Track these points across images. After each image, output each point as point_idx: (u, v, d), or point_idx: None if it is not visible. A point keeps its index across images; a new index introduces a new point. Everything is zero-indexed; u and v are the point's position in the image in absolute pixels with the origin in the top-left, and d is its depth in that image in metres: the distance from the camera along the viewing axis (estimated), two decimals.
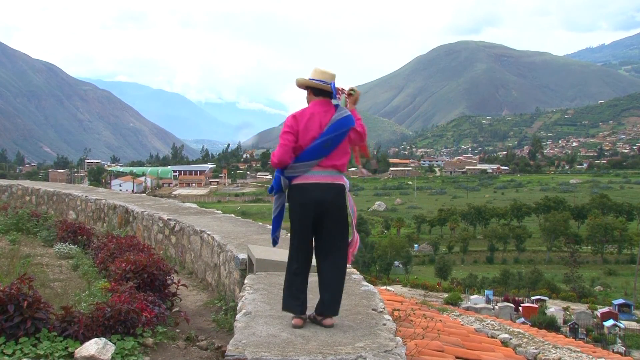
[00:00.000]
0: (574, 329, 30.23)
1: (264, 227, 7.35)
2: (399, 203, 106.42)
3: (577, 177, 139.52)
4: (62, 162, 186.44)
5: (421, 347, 4.05)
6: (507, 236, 70.54)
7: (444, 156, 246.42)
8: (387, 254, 58.85)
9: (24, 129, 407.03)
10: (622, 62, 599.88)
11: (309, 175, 3.30)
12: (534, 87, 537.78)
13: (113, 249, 6.13)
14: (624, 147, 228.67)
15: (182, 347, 4.04)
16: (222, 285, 5.71)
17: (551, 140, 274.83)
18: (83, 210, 11.09)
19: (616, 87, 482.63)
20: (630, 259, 63.90)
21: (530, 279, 50.11)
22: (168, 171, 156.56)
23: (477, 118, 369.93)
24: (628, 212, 79.33)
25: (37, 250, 8.01)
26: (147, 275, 4.86)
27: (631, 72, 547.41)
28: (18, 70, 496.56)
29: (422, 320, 4.77)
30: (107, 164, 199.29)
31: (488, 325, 8.58)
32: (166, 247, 7.77)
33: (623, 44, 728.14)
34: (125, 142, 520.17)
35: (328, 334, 3.19)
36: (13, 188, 14.13)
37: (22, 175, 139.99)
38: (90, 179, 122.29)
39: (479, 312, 21.12)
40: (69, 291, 5.35)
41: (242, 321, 3.33)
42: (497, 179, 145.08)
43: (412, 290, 43.58)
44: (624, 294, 47.39)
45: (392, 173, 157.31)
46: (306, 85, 3.46)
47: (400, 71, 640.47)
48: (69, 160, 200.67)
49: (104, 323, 3.70)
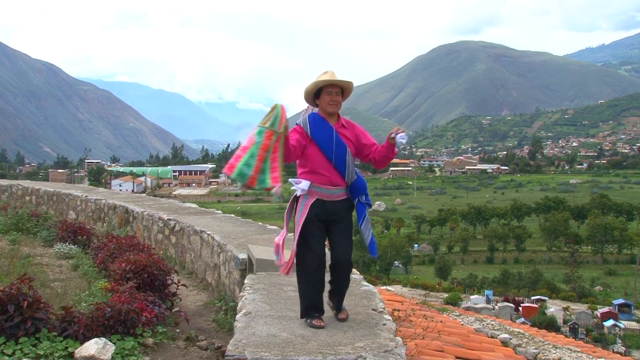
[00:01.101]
0: (574, 329, 30.22)
1: (264, 227, 7.35)
2: (399, 203, 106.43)
3: (577, 177, 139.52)
4: (62, 162, 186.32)
5: (421, 347, 4.05)
6: (507, 236, 70.52)
7: (444, 156, 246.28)
8: (387, 254, 58.82)
9: (24, 129, 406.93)
10: (622, 62, 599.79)
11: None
12: (534, 87, 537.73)
13: (113, 249, 6.13)
14: (624, 147, 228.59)
15: (182, 347, 4.04)
16: (222, 285, 5.70)
17: (551, 140, 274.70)
18: (83, 210, 11.09)
19: (616, 87, 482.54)
20: (630, 259, 63.88)
21: (530, 279, 50.10)
22: (168, 171, 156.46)
23: (477, 118, 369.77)
24: (628, 212, 79.29)
25: (37, 250, 8.01)
26: (147, 275, 4.86)
27: (631, 72, 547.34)
28: (18, 70, 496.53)
29: (422, 321, 4.77)
30: (107, 164, 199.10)
31: (488, 325, 8.58)
32: (166, 247, 7.76)
33: (623, 44, 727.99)
34: (125, 142, 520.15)
35: (328, 334, 3.19)
36: (13, 188, 14.13)
37: (22, 175, 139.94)
38: (90, 179, 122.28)
39: (479, 312, 21.11)
40: (69, 291, 5.35)
41: (242, 321, 3.33)
42: (497, 179, 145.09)
43: (412, 290, 43.55)
44: (624, 294, 47.38)
45: (392, 173, 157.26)
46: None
47: (400, 71, 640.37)
48: (69, 160, 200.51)
49: (104, 323, 3.70)
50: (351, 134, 3.51)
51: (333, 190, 3.43)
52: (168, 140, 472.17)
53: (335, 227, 3.44)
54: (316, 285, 3.38)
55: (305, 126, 3.45)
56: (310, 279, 3.37)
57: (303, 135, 3.44)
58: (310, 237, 3.38)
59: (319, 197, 3.42)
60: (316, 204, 3.41)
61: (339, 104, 3.47)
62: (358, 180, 3.47)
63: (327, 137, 3.42)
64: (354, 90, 3.69)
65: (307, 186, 3.41)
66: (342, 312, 3.48)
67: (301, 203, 3.43)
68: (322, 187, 3.42)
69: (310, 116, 3.50)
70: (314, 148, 3.43)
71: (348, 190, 3.48)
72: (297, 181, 3.45)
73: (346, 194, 3.48)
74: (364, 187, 3.49)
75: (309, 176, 3.44)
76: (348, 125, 3.53)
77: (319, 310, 3.36)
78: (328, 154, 3.40)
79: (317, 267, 3.36)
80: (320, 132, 3.43)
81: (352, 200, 3.50)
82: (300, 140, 3.42)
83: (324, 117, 3.48)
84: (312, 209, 3.39)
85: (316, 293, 3.38)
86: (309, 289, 3.39)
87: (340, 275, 3.45)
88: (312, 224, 3.39)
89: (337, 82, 3.44)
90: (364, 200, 3.49)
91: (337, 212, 3.43)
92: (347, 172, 3.43)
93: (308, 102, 3.56)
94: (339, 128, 3.48)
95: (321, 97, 3.46)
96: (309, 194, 3.43)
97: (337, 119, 3.52)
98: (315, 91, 3.48)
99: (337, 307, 3.49)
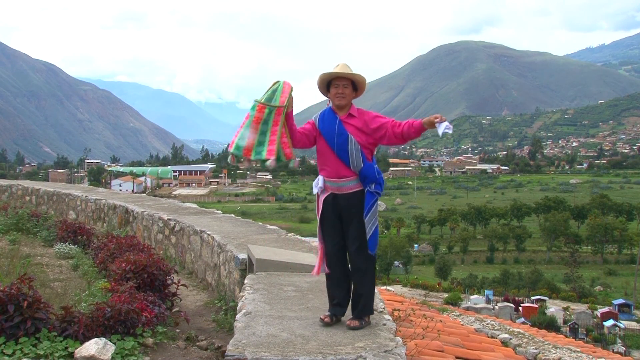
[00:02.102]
0: (574, 329, 30.21)
1: (264, 227, 7.35)
2: (399, 203, 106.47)
3: (577, 177, 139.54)
4: (62, 162, 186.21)
5: (421, 347, 4.05)
6: (507, 236, 70.50)
7: (444, 156, 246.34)
8: (387, 254, 58.84)
9: (24, 129, 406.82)
10: (622, 62, 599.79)
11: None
12: (534, 87, 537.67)
13: (113, 249, 6.12)
14: (624, 147, 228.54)
15: (182, 347, 4.03)
16: (222, 285, 5.70)
17: (551, 140, 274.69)
18: (83, 210, 11.08)
19: (616, 87, 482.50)
20: (630, 259, 63.85)
21: (530, 279, 50.07)
22: (168, 171, 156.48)
23: (477, 118, 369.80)
24: (628, 212, 79.28)
25: (37, 250, 8.01)
26: (147, 275, 4.86)
27: (631, 72, 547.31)
28: (18, 70, 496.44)
29: (422, 320, 4.76)
30: (107, 164, 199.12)
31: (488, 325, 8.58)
32: (166, 247, 7.76)
33: (623, 44, 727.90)
34: (125, 142, 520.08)
35: (328, 334, 3.19)
36: (13, 188, 14.13)
37: (22, 175, 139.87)
38: (90, 179, 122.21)
39: (479, 312, 21.10)
40: (69, 291, 5.35)
41: (242, 321, 3.33)
42: (497, 179, 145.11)
43: (412, 290, 43.53)
44: (624, 294, 47.36)
45: (392, 173, 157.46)
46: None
47: (400, 71, 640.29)
48: (69, 160, 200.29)
49: (104, 323, 3.70)
50: (360, 122, 3.45)
51: (341, 182, 3.41)
52: (168, 140, 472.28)
53: (349, 222, 3.42)
54: (334, 279, 3.46)
55: (316, 120, 3.54)
56: (328, 277, 3.49)
57: (313, 128, 3.53)
58: (326, 234, 3.48)
59: (332, 191, 3.45)
60: (328, 199, 3.45)
61: (346, 97, 3.45)
62: (367, 168, 3.39)
63: (330, 128, 3.45)
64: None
65: (322, 182, 3.46)
66: (353, 320, 3.33)
67: (320, 200, 3.51)
68: (332, 181, 3.44)
69: (322, 112, 3.57)
70: (322, 141, 3.48)
71: (359, 180, 3.42)
72: (317, 181, 3.52)
73: (359, 186, 3.42)
74: (374, 175, 3.40)
75: (321, 171, 3.51)
76: (358, 115, 3.48)
77: (338, 305, 3.42)
78: (331, 144, 3.43)
79: (330, 266, 3.46)
80: (325, 124, 3.48)
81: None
82: (310, 130, 3.52)
83: (334, 109, 3.51)
84: (325, 204, 3.45)
85: (334, 288, 3.47)
86: (329, 284, 3.50)
87: (354, 275, 3.43)
88: (326, 219, 3.47)
89: (340, 74, 3.43)
90: (373, 189, 3.41)
91: (350, 207, 3.40)
92: (350, 160, 3.38)
93: (322, 94, 3.60)
94: (345, 118, 3.46)
95: (330, 90, 3.49)
96: (325, 189, 3.48)
97: (348, 111, 3.50)
98: (326, 85, 3.51)
99: (353, 311, 3.40)
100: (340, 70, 3.43)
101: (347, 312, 3.44)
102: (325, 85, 3.52)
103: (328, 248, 3.47)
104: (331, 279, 3.48)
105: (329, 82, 3.49)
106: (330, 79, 3.47)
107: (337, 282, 3.45)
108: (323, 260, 3.50)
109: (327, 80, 3.49)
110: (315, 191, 3.54)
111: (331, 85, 3.47)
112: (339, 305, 3.41)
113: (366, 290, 3.38)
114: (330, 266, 3.46)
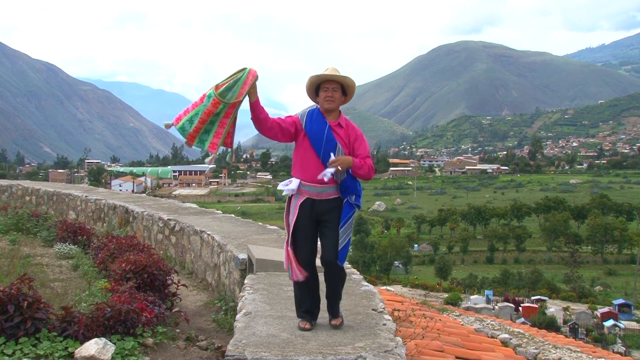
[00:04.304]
0: (574, 329, 30.21)
1: (264, 227, 7.35)
2: (399, 203, 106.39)
3: (577, 177, 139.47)
4: (62, 162, 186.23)
5: (421, 347, 4.05)
6: (507, 236, 70.49)
7: (444, 156, 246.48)
8: (387, 254, 58.83)
9: (24, 129, 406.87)
10: (622, 62, 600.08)
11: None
12: (534, 87, 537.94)
13: (113, 249, 6.12)
14: (624, 147, 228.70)
15: (182, 347, 4.03)
16: (222, 285, 5.70)
17: (551, 140, 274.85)
18: (83, 211, 11.08)
19: (616, 87, 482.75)
20: (630, 259, 63.85)
21: (530, 279, 50.05)
22: (168, 171, 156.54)
23: (477, 118, 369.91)
24: (628, 212, 79.27)
25: (37, 250, 8.01)
26: (147, 276, 4.86)
27: (631, 72, 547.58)
28: (18, 70, 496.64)
29: (422, 320, 4.77)
30: (107, 164, 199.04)
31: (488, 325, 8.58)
32: (166, 247, 7.76)
33: (623, 44, 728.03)
34: (125, 142, 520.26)
35: (328, 334, 3.19)
36: (13, 188, 14.12)
37: (22, 175, 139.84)
38: (90, 179, 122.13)
39: (479, 312, 21.11)
40: (69, 291, 5.35)
41: (242, 321, 3.33)
42: (497, 179, 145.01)
43: (412, 290, 43.54)
44: (624, 294, 47.34)
45: (392, 173, 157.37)
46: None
47: (400, 71, 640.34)
48: (69, 160, 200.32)
49: (104, 323, 3.70)
50: (346, 135, 3.37)
51: (321, 188, 3.31)
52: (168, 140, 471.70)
53: (324, 228, 3.33)
54: (305, 287, 3.35)
55: (302, 118, 3.40)
56: (298, 284, 3.36)
57: (297, 125, 3.39)
58: (300, 240, 3.34)
59: (309, 196, 3.33)
60: (305, 204, 3.33)
61: (335, 101, 3.36)
62: (349, 180, 3.32)
63: (319, 132, 3.33)
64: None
65: (296, 185, 3.34)
66: (336, 318, 3.36)
67: (292, 203, 3.38)
68: (311, 186, 3.32)
69: (310, 111, 3.45)
70: (306, 142, 3.35)
71: (339, 189, 3.35)
72: (287, 182, 3.39)
73: (337, 193, 3.35)
74: (355, 187, 3.34)
75: (298, 173, 3.38)
76: (347, 126, 3.40)
77: (307, 312, 3.34)
78: (317, 149, 3.31)
79: (305, 270, 3.32)
80: (313, 126, 3.35)
81: (343, 200, 3.38)
82: (290, 125, 3.37)
83: (323, 113, 3.41)
84: (301, 209, 3.32)
85: (305, 295, 3.36)
86: (298, 291, 3.39)
87: (329, 278, 3.34)
88: (302, 225, 3.33)
89: (330, 77, 3.34)
90: (353, 200, 3.34)
91: (327, 212, 3.32)
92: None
93: (311, 98, 3.50)
94: (334, 126, 3.37)
95: (319, 94, 3.40)
96: (300, 193, 3.36)
97: (337, 118, 3.42)
98: (316, 88, 3.43)
99: (330, 311, 3.40)
100: (330, 73, 3.35)
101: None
102: (314, 89, 3.43)
103: (302, 255, 3.33)
104: (301, 286, 3.36)
105: (317, 86, 3.41)
106: (319, 82, 3.39)
107: (307, 290, 3.36)
108: (296, 267, 3.34)
109: (316, 84, 3.40)
110: (285, 193, 3.38)
111: (320, 89, 3.39)
112: (308, 312, 3.34)
113: (338, 291, 3.38)
114: (305, 270, 3.34)
